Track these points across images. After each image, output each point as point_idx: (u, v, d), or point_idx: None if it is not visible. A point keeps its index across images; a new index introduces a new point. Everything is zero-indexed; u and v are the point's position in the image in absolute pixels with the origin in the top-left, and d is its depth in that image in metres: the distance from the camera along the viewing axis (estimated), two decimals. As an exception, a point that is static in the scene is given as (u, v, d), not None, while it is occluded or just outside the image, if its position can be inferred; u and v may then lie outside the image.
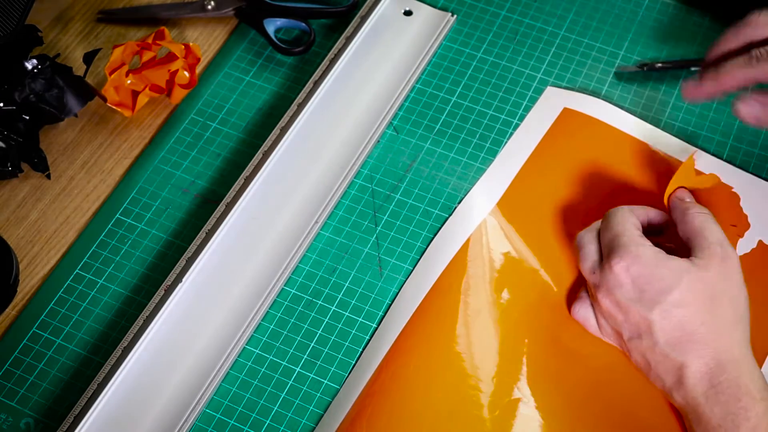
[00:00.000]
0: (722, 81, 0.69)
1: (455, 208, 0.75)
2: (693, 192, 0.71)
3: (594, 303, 0.68)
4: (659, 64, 0.82)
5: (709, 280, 0.64)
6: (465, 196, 0.76)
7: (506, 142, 0.79)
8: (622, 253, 0.64)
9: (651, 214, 0.69)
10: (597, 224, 0.68)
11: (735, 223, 0.73)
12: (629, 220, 0.66)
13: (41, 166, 0.78)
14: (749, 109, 0.69)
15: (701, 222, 0.66)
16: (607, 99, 0.81)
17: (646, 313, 0.63)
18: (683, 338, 0.63)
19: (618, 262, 0.64)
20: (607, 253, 0.65)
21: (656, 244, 0.65)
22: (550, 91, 0.81)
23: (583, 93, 0.81)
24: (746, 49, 0.69)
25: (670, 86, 0.82)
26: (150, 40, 0.80)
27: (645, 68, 0.82)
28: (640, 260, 0.64)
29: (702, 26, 0.86)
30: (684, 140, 0.78)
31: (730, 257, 0.65)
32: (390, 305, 0.71)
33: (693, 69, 0.82)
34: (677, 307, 0.63)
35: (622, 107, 0.80)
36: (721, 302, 0.64)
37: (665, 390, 0.65)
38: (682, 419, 0.65)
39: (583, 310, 0.69)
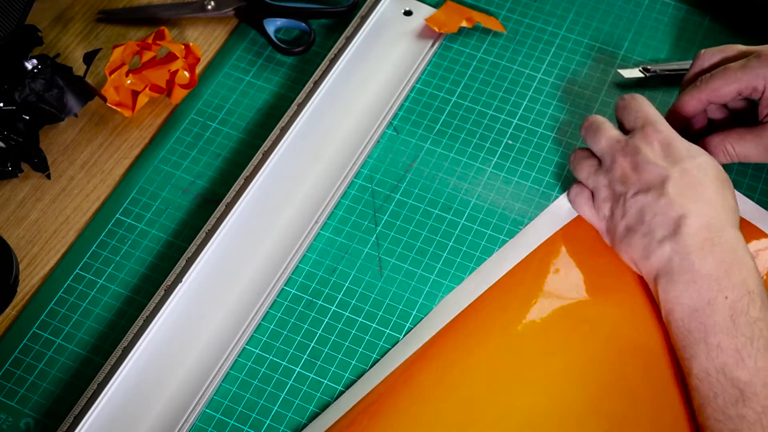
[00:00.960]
0: (675, 107, 0.76)
1: (517, 232, 0.75)
2: None
3: (597, 178, 0.71)
4: (660, 69, 0.82)
5: (721, 170, 0.69)
6: (530, 221, 0.75)
7: None
8: (657, 124, 0.70)
9: None
10: (600, 119, 0.72)
11: None
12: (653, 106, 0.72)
13: (41, 166, 0.78)
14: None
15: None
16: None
17: (667, 170, 0.67)
18: (693, 195, 0.66)
19: (653, 130, 0.69)
20: (641, 124, 0.70)
21: None
22: None
23: None
24: None
25: (669, 87, 0.82)
26: (150, 40, 0.80)
27: (647, 74, 0.82)
28: (672, 132, 0.70)
29: (702, 26, 0.86)
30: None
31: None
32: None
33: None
34: (698, 171, 0.67)
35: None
36: (729, 190, 0.68)
37: (648, 249, 0.67)
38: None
39: (578, 196, 0.73)
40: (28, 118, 0.77)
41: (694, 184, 0.67)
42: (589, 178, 0.72)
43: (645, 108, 0.71)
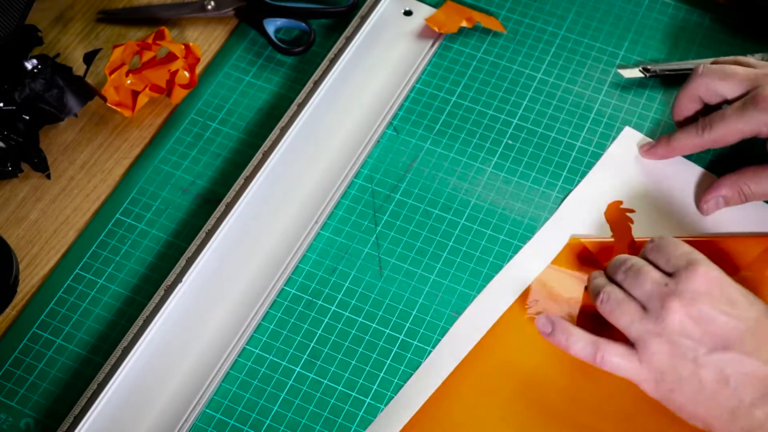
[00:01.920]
0: (674, 148, 0.75)
1: (517, 233, 0.75)
2: None
3: (647, 327, 0.63)
4: (660, 69, 0.82)
5: None
6: (531, 221, 0.75)
7: (579, 181, 0.77)
8: (704, 263, 0.63)
9: None
10: (624, 258, 0.67)
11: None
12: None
13: (41, 166, 0.78)
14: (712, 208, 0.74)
15: None
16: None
17: (739, 322, 0.61)
18: None
19: (704, 271, 0.63)
20: (685, 263, 0.63)
21: None
22: (628, 132, 0.80)
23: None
24: (700, 113, 0.75)
25: (669, 87, 0.82)
26: (150, 40, 0.80)
27: (647, 74, 0.82)
28: (721, 271, 0.63)
29: (702, 26, 0.86)
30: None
31: None
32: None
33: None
34: (766, 318, 0.62)
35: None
36: None
37: (736, 413, 0.61)
38: None
39: (615, 356, 0.64)
40: (28, 118, 0.77)
41: None
42: (632, 326, 0.64)
43: (684, 246, 0.65)
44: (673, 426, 0.65)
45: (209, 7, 0.86)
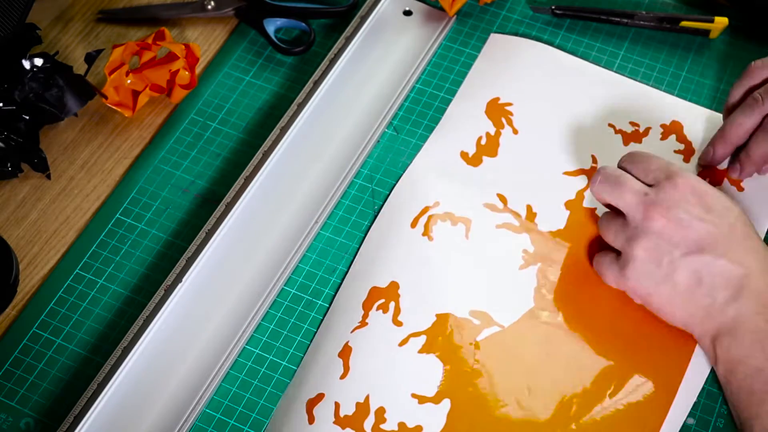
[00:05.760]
0: (754, 158, 0.73)
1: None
2: None
3: (627, 235, 0.66)
4: (572, 12, 0.84)
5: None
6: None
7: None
8: (683, 173, 0.66)
9: None
10: (615, 171, 0.69)
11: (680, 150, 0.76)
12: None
13: (41, 166, 0.78)
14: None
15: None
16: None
17: (715, 226, 0.65)
18: (747, 250, 0.65)
19: (683, 181, 0.66)
20: (665, 175, 0.66)
21: None
22: (494, 38, 0.84)
23: (528, 39, 0.83)
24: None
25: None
26: (150, 40, 0.80)
27: (558, 12, 0.84)
28: (702, 181, 0.67)
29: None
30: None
31: None
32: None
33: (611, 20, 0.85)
34: (742, 223, 0.66)
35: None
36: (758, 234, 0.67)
37: (710, 311, 0.65)
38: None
39: (604, 262, 0.69)
40: (28, 118, 0.77)
41: (744, 238, 0.65)
42: (617, 239, 0.68)
43: (660, 160, 0.68)
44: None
45: (209, 7, 0.86)
